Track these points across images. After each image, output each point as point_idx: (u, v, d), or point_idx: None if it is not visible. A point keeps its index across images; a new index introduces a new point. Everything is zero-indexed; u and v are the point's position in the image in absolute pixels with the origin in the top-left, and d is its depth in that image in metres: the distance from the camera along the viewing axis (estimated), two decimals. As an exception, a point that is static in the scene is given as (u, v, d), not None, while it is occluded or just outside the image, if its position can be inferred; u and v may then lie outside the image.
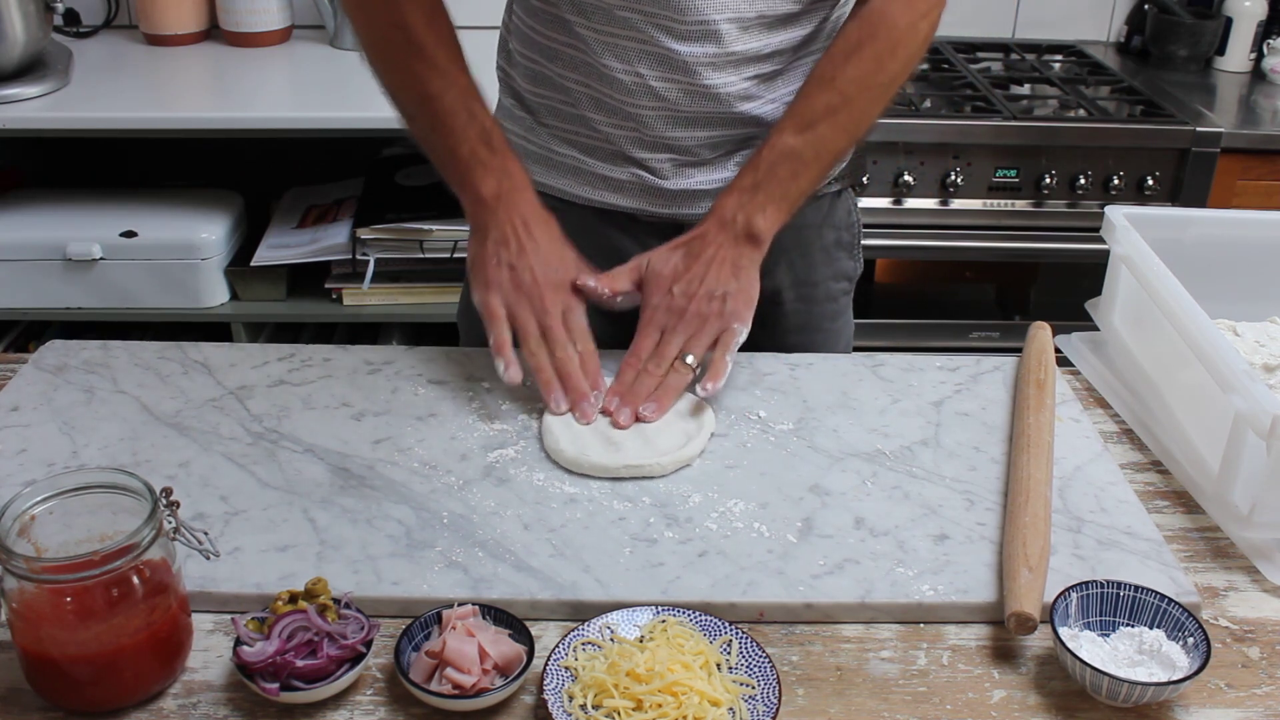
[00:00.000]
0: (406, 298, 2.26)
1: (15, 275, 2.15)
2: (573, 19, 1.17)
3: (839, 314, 1.40)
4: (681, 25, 1.14)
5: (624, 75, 1.17)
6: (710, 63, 1.16)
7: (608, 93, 1.20)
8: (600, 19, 1.15)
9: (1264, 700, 0.86)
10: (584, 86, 1.21)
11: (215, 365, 1.20)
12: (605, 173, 1.25)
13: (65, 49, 2.32)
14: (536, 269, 1.15)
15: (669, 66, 1.16)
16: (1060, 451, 1.10)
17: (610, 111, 1.21)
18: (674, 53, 1.15)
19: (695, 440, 1.07)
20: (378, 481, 1.03)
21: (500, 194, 1.17)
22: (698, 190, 1.24)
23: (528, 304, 1.15)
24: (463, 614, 0.85)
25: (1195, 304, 1.08)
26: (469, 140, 1.17)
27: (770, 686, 0.82)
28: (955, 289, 2.45)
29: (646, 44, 1.15)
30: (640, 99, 1.19)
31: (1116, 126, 2.24)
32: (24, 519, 0.80)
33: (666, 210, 1.25)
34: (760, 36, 1.17)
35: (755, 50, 1.17)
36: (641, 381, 1.12)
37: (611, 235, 1.26)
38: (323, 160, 2.45)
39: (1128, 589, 0.89)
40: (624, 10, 1.14)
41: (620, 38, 1.16)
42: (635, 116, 1.20)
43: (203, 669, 0.85)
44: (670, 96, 1.18)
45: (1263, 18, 2.58)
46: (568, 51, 1.20)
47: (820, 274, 1.36)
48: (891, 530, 0.99)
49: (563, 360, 1.13)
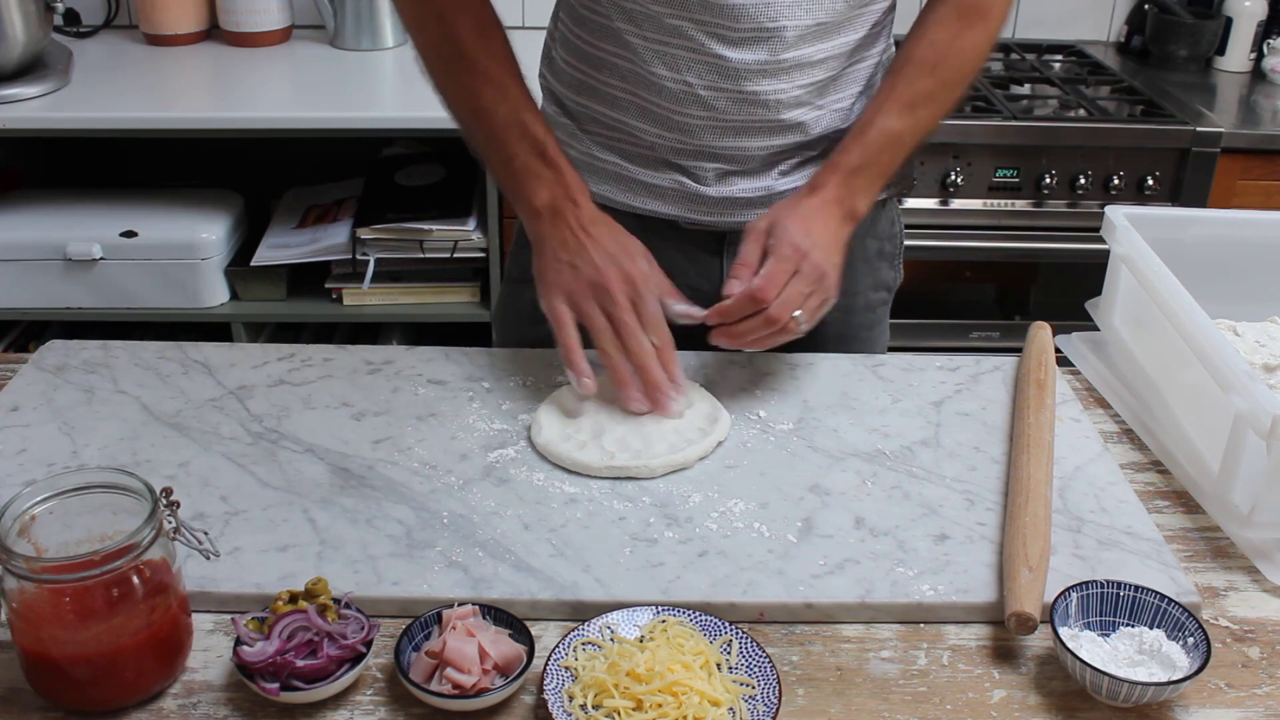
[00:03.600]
0: (406, 298, 2.26)
1: (15, 275, 2.15)
2: (622, 26, 1.16)
3: (876, 323, 1.39)
4: (734, 32, 1.12)
5: (672, 84, 1.16)
6: (761, 69, 1.15)
7: (655, 101, 1.19)
8: (650, 26, 1.14)
9: (1264, 700, 0.86)
10: (630, 95, 1.20)
11: (215, 365, 1.20)
12: (647, 179, 1.24)
13: (65, 49, 2.32)
14: (599, 260, 1.11)
15: (719, 74, 1.15)
16: (1060, 451, 1.10)
17: (656, 120, 1.20)
18: (725, 60, 1.14)
19: (695, 445, 1.07)
20: (378, 481, 1.03)
21: (555, 204, 1.15)
22: (740, 198, 1.23)
23: (593, 298, 1.10)
24: (463, 614, 0.85)
25: (1195, 304, 1.08)
26: (522, 153, 1.15)
27: (770, 686, 0.82)
28: (955, 289, 2.45)
29: (697, 51, 1.14)
30: (688, 107, 1.18)
31: (1116, 126, 2.24)
32: (24, 519, 0.80)
33: (708, 217, 1.24)
34: (813, 43, 1.16)
35: (807, 57, 1.16)
36: (752, 325, 1.08)
37: (652, 242, 1.23)
38: (323, 160, 2.45)
39: (1128, 589, 0.89)
40: (675, 18, 1.12)
41: (671, 45, 1.15)
42: (681, 125, 1.19)
43: (203, 669, 0.85)
44: (719, 105, 1.17)
45: (1263, 18, 2.58)
46: (615, 60, 1.19)
47: (861, 284, 1.33)
48: (891, 530, 0.99)
49: (636, 353, 1.09)
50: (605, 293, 1.10)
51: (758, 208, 1.21)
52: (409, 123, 2.18)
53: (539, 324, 1.15)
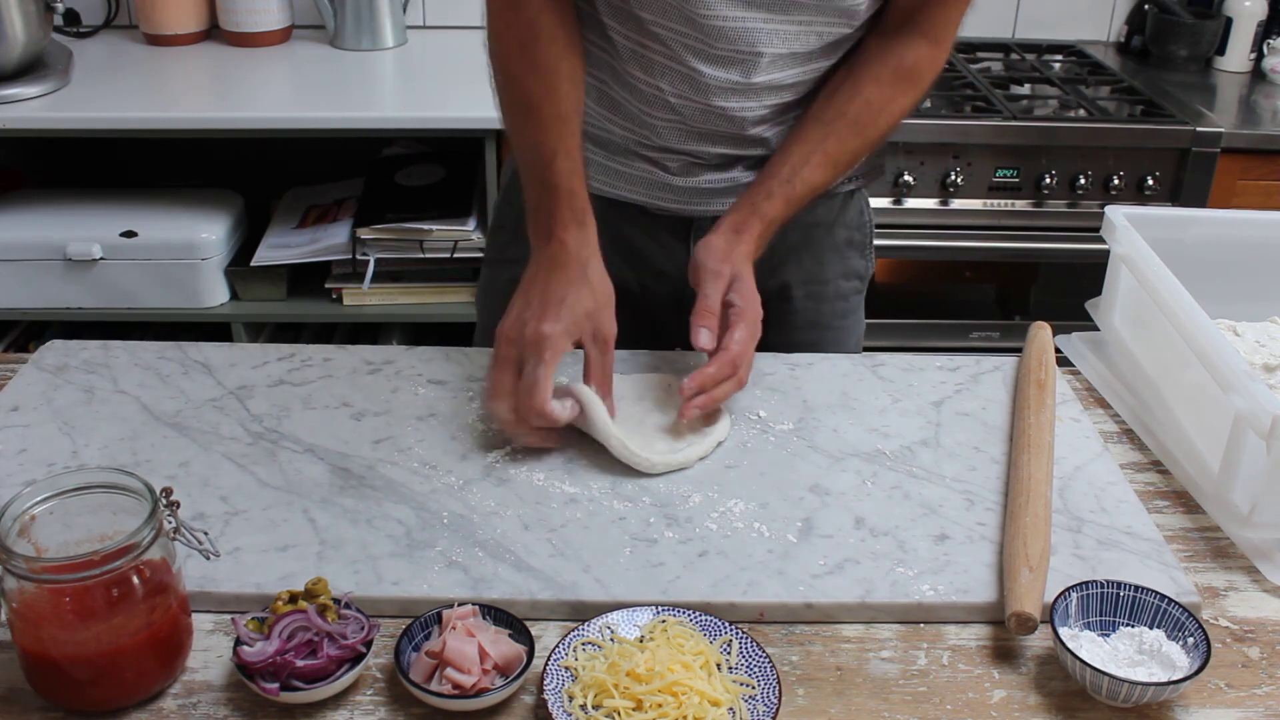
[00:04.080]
0: (406, 298, 2.26)
1: (15, 275, 2.15)
2: (607, 21, 1.17)
3: (849, 313, 1.40)
4: (713, 50, 1.14)
5: (644, 86, 1.18)
6: (732, 88, 1.16)
7: (625, 97, 1.21)
8: (633, 27, 1.15)
9: (1264, 700, 0.86)
10: (603, 85, 1.22)
11: (215, 365, 1.20)
12: (617, 166, 1.26)
13: (65, 49, 2.32)
14: (545, 327, 1.07)
15: (690, 86, 1.17)
16: (1060, 451, 1.10)
17: (624, 115, 1.22)
18: (698, 74, 1.15)
19: (695, 445, 1.07)
20: (378, 481, 1.03)
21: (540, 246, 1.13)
22: (705, 188, 1.25)
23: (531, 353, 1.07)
24: (463, 614, 0.85)
25: (1195, 304, 1.08)
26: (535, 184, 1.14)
27: (770, 686, 0.82)
28: (955, 289, 2.45)
29: (673, 61, 1.15)
30: (655, 109, 1.20)
31: (1116, 126, 2.24)
32: (24, 519, 0.80)
33: (675, 205, 1.26)
34: (786, 68, 1.17)
35: (779, 80, 1.18)
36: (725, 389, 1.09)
37: (622, 226, 1.26)
38: (323, 160, 2.45)
39: (1128, 589, 0.89)
40: (656, 26, 1.13)
41: (649, 50, 1.16)
42: (648, 125, 1.21)
43: (203, 669, 0.85)
44: (685, 113, 1.19)
45: (1263, 18, 2.58)
46: (594, 50, 1.20)
47: (830, 272, 1.36)
48: (891, 530, 0.99)
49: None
50: (521, 340, 1.07)
51: (723, 197, 1.23)
52: (409, 123, 2.18)
53: None
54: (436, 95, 2.28)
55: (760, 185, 1.18)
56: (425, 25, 2.62)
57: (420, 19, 2.61)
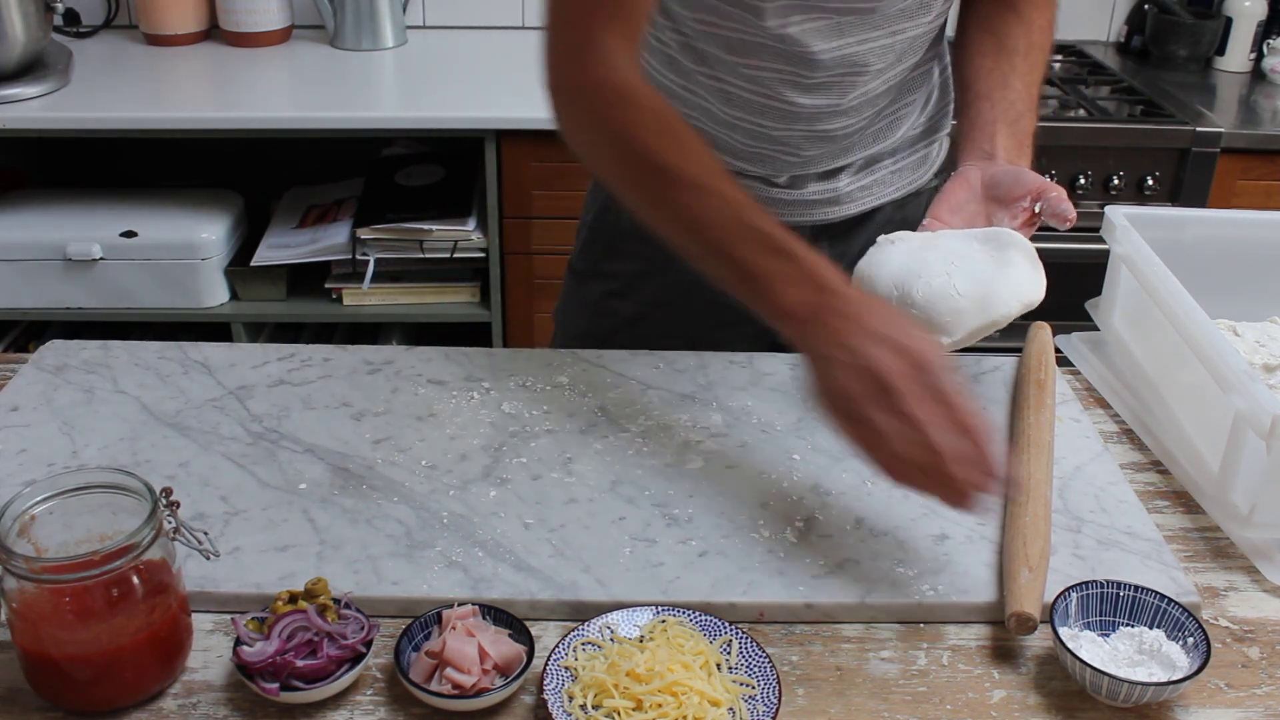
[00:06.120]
0: (406, 298, 2.26)
1: (15, 275, 2.15)
2: (695, 68, 1.17)
3: None
4: (809, 80, 1.14)
5: (744, 124, 1.19)
6: (832, 112, 1.18)
7: (726, 134, 1.21)
8: (724, 70, 1.16)
9: (1264, 700, 0.86)
10: (702, 126, 1.21)
11: (215, 365, 1.20)
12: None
13: (65, 49, 2.32)
14: (870, 348, 0.89)
15: (789, 119, 1.18)
16: (1060, 451, 1.10)
17: (726, 150, 1.22)
18: (795, 106, 1.17)
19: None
20: (378, 481, 1.03)
21: (805, 299, 0.94)
22: (811, 199, 1.26)
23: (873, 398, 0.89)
24: (463, 614, 0.85)
25: (1195, 304, 1.08)
26: (752, 254, 0.97)
27: (770, 686, 0.82)
28: (955, 289, 2.44)
29: (771, 99, 1.16)
30: (758, 142, 1.21)
31: (1116, 126, 2.24)
32: (24, 519, 0.80)
33: (780, 217, 1.23)
34: (878, 77, 1.18)
35: (873, 90, 1.19)
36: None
37: None
38: (323, 160, 2.45)
39: (1128, 589, 0.89)
40: (751, 69, 1.14)
41: (744, 91, 1.17)
42: (750, 156, 1.22)
43: (203, 669, 0.85)
44: (788, 141, 1.20)
45: (1263, 18, 2.58)
46: (684, 94, 1.21)
47: None
48: (891, 530, 0.99)
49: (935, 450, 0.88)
50: (885, 387, 0.88)
51: (825, 207, 1.26)
52: (409, 123, 2.18)
53: (601, 318, 1.14)
54: (436, 95, 2.28)
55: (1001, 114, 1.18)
56: (425, 25, 2.62)
57: (420, 19, 2.61)
